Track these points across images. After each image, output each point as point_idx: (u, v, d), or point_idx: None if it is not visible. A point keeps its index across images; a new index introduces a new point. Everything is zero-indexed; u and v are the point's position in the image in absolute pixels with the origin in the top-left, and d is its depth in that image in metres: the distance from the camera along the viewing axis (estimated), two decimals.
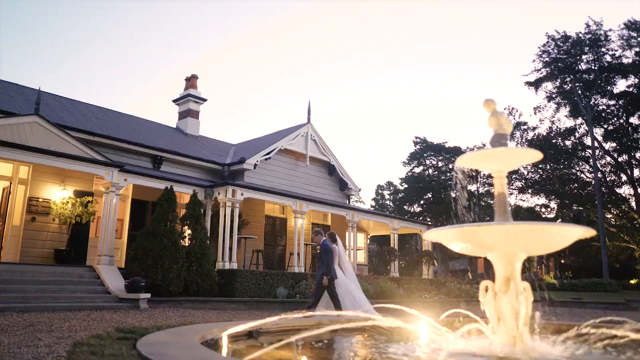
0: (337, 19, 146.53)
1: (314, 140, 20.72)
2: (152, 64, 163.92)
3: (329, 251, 8.86)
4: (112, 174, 12.69)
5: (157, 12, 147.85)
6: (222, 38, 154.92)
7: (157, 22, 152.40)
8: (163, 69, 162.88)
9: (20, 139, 11.15)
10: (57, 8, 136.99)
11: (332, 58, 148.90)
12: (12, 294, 9.73)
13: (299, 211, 16.42)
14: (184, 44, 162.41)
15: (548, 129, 47.40)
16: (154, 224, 12.19)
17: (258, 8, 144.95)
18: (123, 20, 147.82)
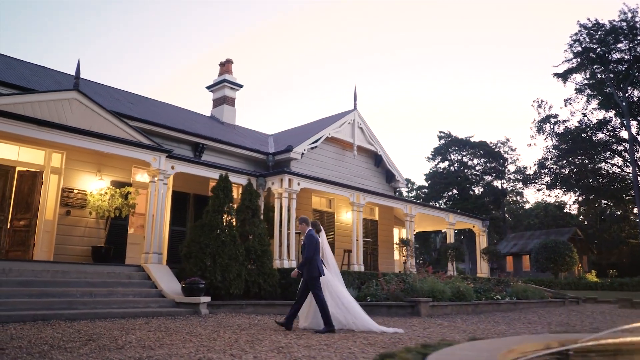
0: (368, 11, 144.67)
1: (360, 129, 19.07)
2: (181, 49, 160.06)
3: (314, 243, 7.62)
4: (160, 160, 11.10)
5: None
6: (255, 21, 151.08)
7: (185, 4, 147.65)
8: (193, 54, 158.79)
9: (58, 118, 9.59)
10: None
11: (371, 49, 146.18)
12: (57, 298, 8.16)
13: (356, 203, 14.78)
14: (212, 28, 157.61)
15: (579, 121, 45.43)
16: (209, 217, 10.58)
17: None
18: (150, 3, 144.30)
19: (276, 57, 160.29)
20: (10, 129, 9.05)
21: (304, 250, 7.72)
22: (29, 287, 8.22)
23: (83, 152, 12.27)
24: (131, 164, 13.30)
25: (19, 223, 11.47)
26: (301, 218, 8.11)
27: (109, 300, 8.58)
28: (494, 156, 54.94)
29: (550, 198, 53.33)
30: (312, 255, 7.58)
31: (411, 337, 7.22)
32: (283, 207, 12.70)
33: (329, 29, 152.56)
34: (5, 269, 8.43)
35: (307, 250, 7.62)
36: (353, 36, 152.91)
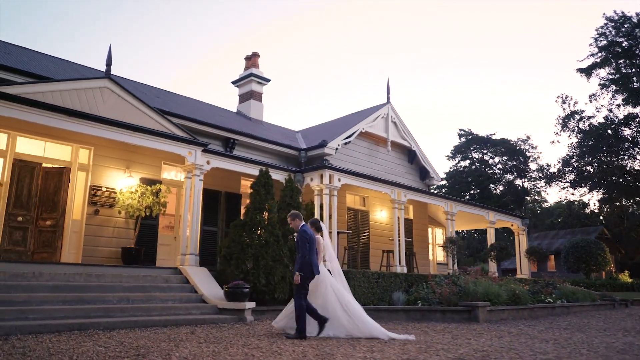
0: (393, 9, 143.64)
1: (394, 123, 18.17)
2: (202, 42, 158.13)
3: (308, 240, 6.94)
4: (195, 154, 10.29)
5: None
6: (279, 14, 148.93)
7: None
8: (215, 48, 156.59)
9: (89, 108, 8.81)
10: None
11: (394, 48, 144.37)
12: (92, 305, 7.37)
13: (397, 200, 13.88)
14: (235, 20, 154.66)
15: (605, 117, 44.09)
16: (250, 215, 9.74)
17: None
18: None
19: (297, 53, 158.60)
20: (37, 119, 8.30)
21: (298, 248, 7.03)
22: (62, 293, 7.44)
23: (111, 148, 11.53)
24: (160, 161, 12.54)
25: (45, 223, 10.74)
26: (292, 213, 7.47)
27: (148, 307, 7.77)
28: (515, 154, 53.69)
29: (574, 196, 51.90)
30: (306, 252, 6.87)
31: (497, 349, 6.32)
32: (324, 204, 11.83)
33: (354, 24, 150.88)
34: (36, 273, 7.66)
35: (301, 248, 6.92)
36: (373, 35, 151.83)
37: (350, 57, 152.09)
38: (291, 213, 7.47)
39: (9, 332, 6.02)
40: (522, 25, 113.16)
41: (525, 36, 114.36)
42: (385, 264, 14.78)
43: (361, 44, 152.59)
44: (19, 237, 10.36)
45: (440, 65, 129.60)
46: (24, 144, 10.66)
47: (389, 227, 17.57)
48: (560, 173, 49.25)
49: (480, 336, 7.85)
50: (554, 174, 50.07)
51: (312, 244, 7.01)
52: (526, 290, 12.51)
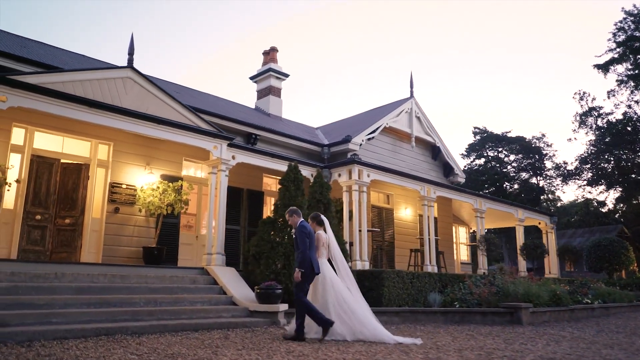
0: None
1: (417, 118, 17.58)
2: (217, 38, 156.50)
3: (308, 235, 6.61)
4: (221, 148, 9.78)
5: None
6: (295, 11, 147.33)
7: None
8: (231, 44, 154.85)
9: (111, 99, 8.32)
10: None
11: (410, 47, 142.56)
12: (119, 308, 6.86)
13: (427, 197, 13.29)
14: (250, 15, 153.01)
15: (623, 114, 43.12)
16: (280, 212, 9.21)
17: None
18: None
19: (314, 49, 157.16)
20: (57, 111, 7.84)
21: (297, 245, 6.68)
22: (86, 294, 6.95)
23: (131, 144, 11.07)
24: (181, 157, 12.07)
25: (64, 221, 10.29)
26: (290, 209, 7.06)
27: (176, 310, 7.26)
28: (531, 152, 52.76)
29: (591, 195, 50.87)
30: (305, 248, 6.50)
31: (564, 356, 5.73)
32: (353, 201, 11.28)
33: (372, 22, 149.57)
34: (58, 274, 7.18)
35: (300, 244, 6.56)
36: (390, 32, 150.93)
37: (367, 54, 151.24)
38: (289, 209, 7.07)
39: (32, 338, 5.53)
40: (537, 23, 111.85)
41: (540, 33, 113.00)
42: (413, 264, 14.19)
43: (378, 41, 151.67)
44: (37, 236, 9.92)
45: (455, 64, 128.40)
46: (42, 139, 10.23)
47: (413, 226, 17.01)
48: (577, 171, 48.38)
49: (534, 341, 7.27)
50: (571, 172, 49.19)
51: (311, 239, 6.65)
52: (566, 290, 11.87)
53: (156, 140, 11.30)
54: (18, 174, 9.73)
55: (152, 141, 11.34)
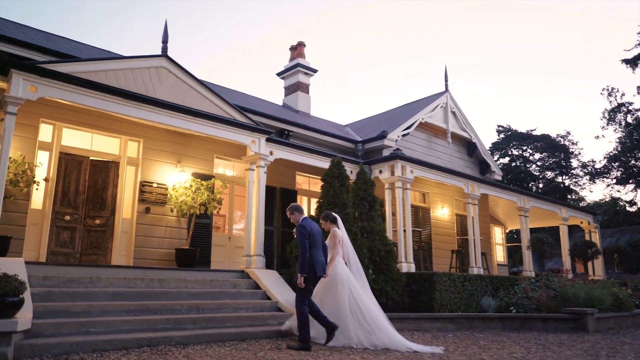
0: None
1: (453, 113, 16.80)
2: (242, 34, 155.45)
3: (307, 235, 6.05)
4: (259, 143, 9.15)
5: None
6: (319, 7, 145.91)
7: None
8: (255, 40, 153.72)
9: (145, 90, 7.75)
10: None
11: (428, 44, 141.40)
12: (159, 315, 6.26)
13: (471, 195, 12.53)
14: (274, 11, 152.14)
15: None
16: (325, 210, 8.54)
17: None
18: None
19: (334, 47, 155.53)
20: (88, 102, 7.28)
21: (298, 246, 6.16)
22: (124, 301, 6.36)
23: (161, 140, 10.52)
24: (213, 154, 11.49)
25: (94, 222, 9.75)
26: (292, 206, 6.60)
27: (220, 317, 6.63)
28: (557, 150, 51.40)
29: (620, 194, 49.30)
30: (304, 251, 5.96)
31: None
32: (396, 198, 10.57)
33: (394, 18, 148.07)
34: (93, 278, 6.60)
35: (300, 245, 6.06)
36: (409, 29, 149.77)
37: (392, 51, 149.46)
38: (290, 206, 6.61)
39: (69, 350, 4.95)
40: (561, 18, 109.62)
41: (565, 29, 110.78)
42: (455, 265, 13.42)
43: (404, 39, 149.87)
44: (66, 237, 9.40)
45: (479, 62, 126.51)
46: (70, 136, 9.72)
47: (450, 226, 16.25)
48: (605, 169, 47.02)
49: (615, 352, 6.50)
50: (599, 170, 47.85)
51: (313, 239, 6.11)
52: (628, 293, 11.01)
53: (187, 136, 10.75)
54: (46, 172, 9.23)
55: (183, 138, 10.80)
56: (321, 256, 6.14)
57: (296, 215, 6.40)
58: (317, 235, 6.18)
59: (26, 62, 6.52)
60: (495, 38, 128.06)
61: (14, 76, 6.54)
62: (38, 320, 5.30)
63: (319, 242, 6.17)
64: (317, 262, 6.00)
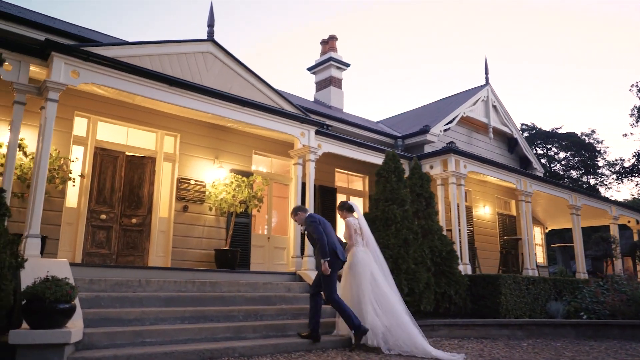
0: None
1: (494, 107, 16.03)
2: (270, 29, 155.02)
3: (319, 222, 6.01)
4: (309, 135, 8.50)
5: None
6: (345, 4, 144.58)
7: None
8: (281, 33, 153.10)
9: (191, 76, 7.14)
10: None
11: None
12: (217, 323, 5.62)
13: (524, 192, 11.75)
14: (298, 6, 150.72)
15: None
16: (382, 207, 7.86)
17: None
18: None
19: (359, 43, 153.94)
20: (133, 89, 6.69)
21: (316, 239, 5.97)
22: (177, 306, 5.73)
23: (198, 135, 9.94)
24: (251, 150, 10.87)
25: (130, 221, 9.17)
26: (295, 208, 6.57)
27: (281, 325, 5.97)
28: (583, 149, 50.10)
29: None
30: (321, 236, 5.85)
31: None
32: (450, 194, 9.85)
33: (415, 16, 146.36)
34: (142, 281, 5.99)
35: (316, 233, 5.92)
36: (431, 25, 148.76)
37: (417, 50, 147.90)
38: (293, 208, 6.61)
39: None
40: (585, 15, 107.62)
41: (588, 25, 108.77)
42: (504, 266, 12.64)
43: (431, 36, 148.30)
44: (102, 237, 8.84)
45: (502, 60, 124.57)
46: (105, 130, 9.17)
47: (492, 225, 15.46)
48: (634, 168, 45.73)
49: None
50: (627, 169, 46.56)
51: (325, 226, 6.02)
52: None
53: (225, 131, 10.18)
54: (81, 168, 8.67)
55: (221, 132, 10.22)
56: (336, 242, 6.01)
57: (300, 215, 6.30)
58: (328, 226, 6.10)
59: (68, 45, 5.94)
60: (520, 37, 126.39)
61: (55, 60, 5.97)
62: (89, 329, 4.69)
63: (331, 231, 6.06)
64: (337, 248, 5.90)
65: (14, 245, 4.55)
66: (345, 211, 6.58)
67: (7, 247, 4.43)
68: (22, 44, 5.93)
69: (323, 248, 5.75)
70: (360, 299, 5.90)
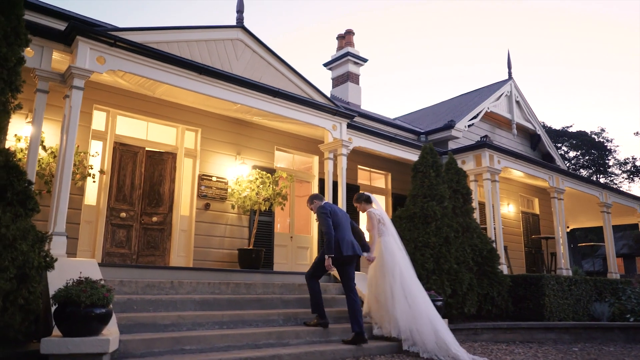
0: None
1: (517, 103, 15.57)
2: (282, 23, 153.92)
3: (329, 213, 5.67)
4: (340, 128, 8.07)
5: None
6: None
7: None
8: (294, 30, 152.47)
9: (220, 64, 6.72)
10: None
11: None
12: (256, 328, 5.19)
13: (557, 189, 11.27)
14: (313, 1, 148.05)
15: None
16: (420, 204, 7.40)
17: None
18: None
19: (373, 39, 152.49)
20: (161, 77, 6.26)
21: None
22: (214, 310, 5.30)
23: (220, 130, 9.53)
24: (273, 146, 10.45)
25: (151, 219, 8.75)
26: (311, 196, 6.20)
27: (323, 330, 5.52)
28: (594, 147, 49.55)
29: None
30: (328, 229, 5.53)
31: None
32: (485, 191, 9.39)
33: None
34: (174, 282, 5.55)
35: (323, 225, 5.62)
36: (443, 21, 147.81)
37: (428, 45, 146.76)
38: (310, 196, 6.23)
39: None
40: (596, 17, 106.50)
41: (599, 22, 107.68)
42: (533, 266, 12.16)
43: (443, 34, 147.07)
44: (122, 236, 8.42)
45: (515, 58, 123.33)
46: (125, 124, 8.76)
47: (516, 224, 14.97)
48: None
49: None
50: (639, 168, 45.99)
51: (337, 220, 5.68)
52: None
53: (246, 126, 9.78)
54: (100, 164, 8.26)
55: (243, 127, 9.81)
56: (349, 235, 5.67)
57: (316, 203, 5.99)
58: (343, 217, 5.80)
59: (94, 29, 5.52)
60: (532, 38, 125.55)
61: (80, 45, 5.54)
62: (124, 335, 4.26)
63: (344, 223, 5.75)
64: (343, 241, 5.53)
65: (42, 243, 4.12)
66: (364, 203, 6.32)
67: (35, 245, 4.00)
68: (45, 28, 5.51)
69: (328, 243, 5.46)
70: (391, 297, 5.58)
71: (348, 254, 5.51)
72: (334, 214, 5.74)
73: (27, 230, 3.95)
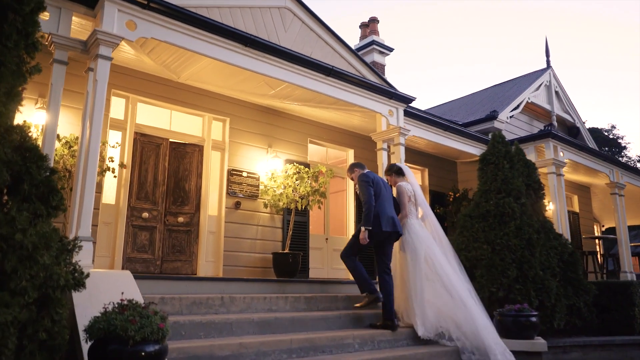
0: None
1: (556, 93, 14.51)
2: None
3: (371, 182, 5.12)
4: (397, 114, 6.99)
5: None
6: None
7: None
8: None
9: (267, 35, 5.66)
10: None
11: None
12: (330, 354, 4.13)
13: (618, 184, 10.25)
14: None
15: None
16: (495, 199, 6.34)
17: None
18: None
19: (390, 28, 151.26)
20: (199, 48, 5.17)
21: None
22: (277, 334, 4.24)
23: (249, 120, 8.50)
24: (306, 138, 9.42)
25: (176, 220, 7.70)
26: (352, 165, 5.67)
27: (406, 355, 4.46)
28: (606, 144, 48.58)
29: None
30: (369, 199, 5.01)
31: None
32: (550, 186, 8.35)
33: None
34: (225, 298, 4.48)
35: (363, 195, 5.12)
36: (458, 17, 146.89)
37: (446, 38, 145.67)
38: (351, 165, 5.69)
39: None
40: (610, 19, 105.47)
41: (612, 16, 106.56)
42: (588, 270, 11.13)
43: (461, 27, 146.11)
44: (144, 240, 7.36)
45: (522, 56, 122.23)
46: (146, 112, 7.73)
47: None
48: None
49: None
50: None
51: (379, 190, 5.18)
52: None
53: (278, 115, 8.78)
54: (119, 157, 7.20)
55: (273, 117, 8.79)
56: (390, 210, 5.14)
57: (357, 172, 5.48)
58: (385, 188, 5.29)
59: None
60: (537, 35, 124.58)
61: (106, 6, 4.47)
62: None
63: (386, 196, 5.24)
64: (383, 215, 5.03)
65: (70, 253, 3.06)
66: (395, 175, 5.70)
67: (60, 256, 2.94)
68: None
69: (366, 214, 4.95)
70: (417, 282, 4.86)
71: (387, 229, 4.97)
72: (376, 184, 5.25)
73: (49, 236, 2.87)
